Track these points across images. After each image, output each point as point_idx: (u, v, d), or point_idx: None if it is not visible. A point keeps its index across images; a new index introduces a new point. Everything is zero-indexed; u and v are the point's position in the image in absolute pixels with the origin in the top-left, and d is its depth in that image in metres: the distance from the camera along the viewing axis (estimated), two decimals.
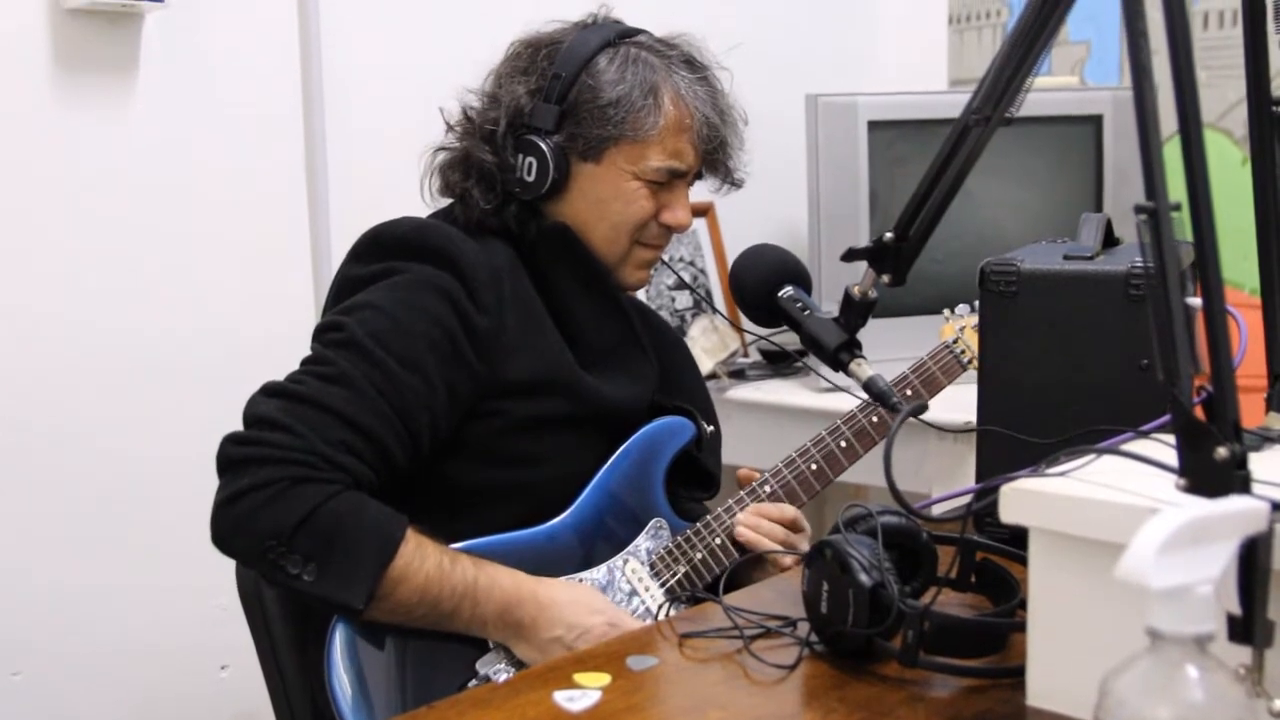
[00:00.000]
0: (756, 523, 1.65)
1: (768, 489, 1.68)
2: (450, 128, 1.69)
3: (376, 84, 2.40)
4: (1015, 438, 1.33)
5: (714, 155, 1.67)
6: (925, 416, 1.40)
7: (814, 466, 1.70)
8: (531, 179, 1.62)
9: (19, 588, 2.06)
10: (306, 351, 1.53)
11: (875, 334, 1.54)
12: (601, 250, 1.65)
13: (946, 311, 1.80)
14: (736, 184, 1.72)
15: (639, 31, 1.68)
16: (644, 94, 1.60)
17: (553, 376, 1.58)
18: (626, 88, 1.60)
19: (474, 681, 1.49)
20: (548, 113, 1.61)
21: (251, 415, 1.46)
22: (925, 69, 3.23)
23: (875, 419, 1.71)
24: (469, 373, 1.54)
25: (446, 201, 1.69)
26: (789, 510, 1.67)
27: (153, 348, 2.17)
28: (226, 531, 1.43)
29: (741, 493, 1.69)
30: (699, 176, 1.71)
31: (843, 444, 1.71)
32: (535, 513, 1.58)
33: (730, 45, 1.72)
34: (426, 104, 1.73)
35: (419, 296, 1.53)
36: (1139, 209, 0.93)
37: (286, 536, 1.40)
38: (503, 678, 1.48)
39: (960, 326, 1.77)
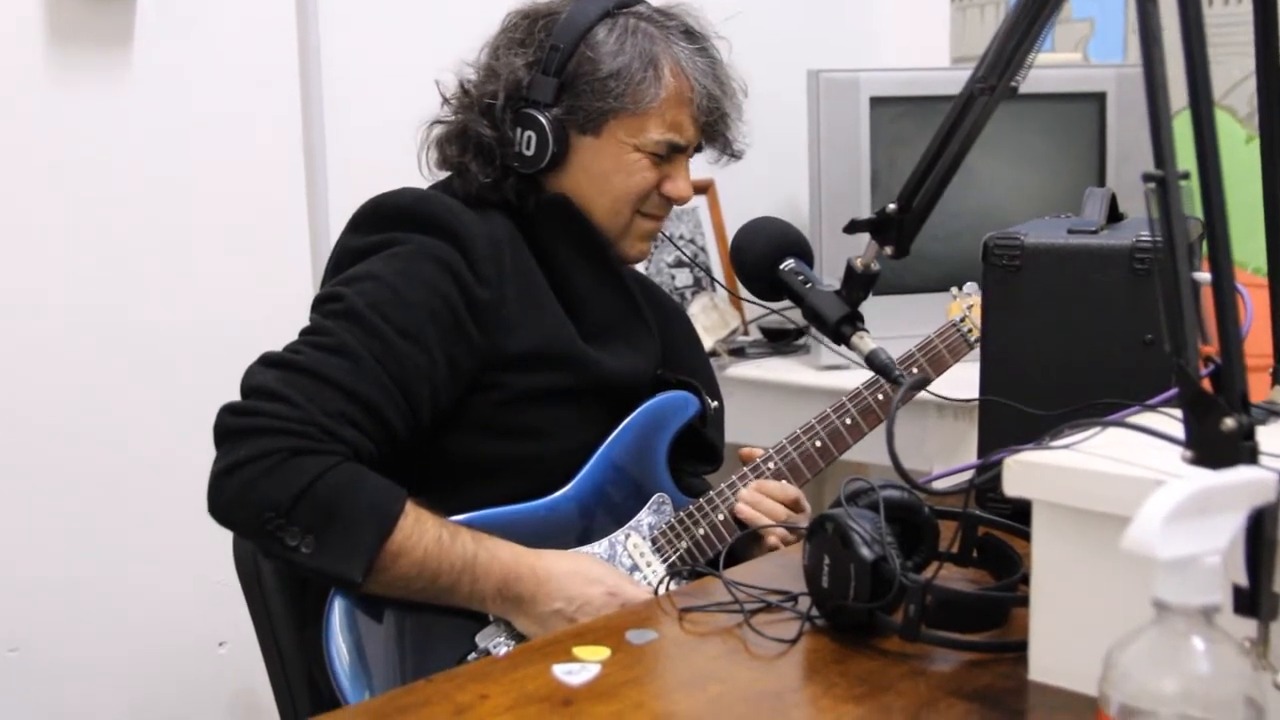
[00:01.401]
0: (757, 500, 1.64)
1: (771, 465, 1.68)
2: (446, 101, 1.67)
3: (375, 58, 2.39)
4: (1018, 414, 1.32)
5: (714, 127, 1.66)
6: (925, 393, 1.39)
7: (818, 444, 1.69)
8: (531, 153, 1.60)
9: (17, 565, 2.05)
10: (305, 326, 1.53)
11: (877, 312, 1.53)
12: (604, 223, 1.64)
13: (954, 290, 1.79)
14: (736, 155, 1.71)
15: (637, 1, 1.66)
16: (643, 66, 1.59)
17: (554, 349, 1.57)
18: (626, 59, 1.59)
19: (473, 655, 1.49)
20: (546, 85, 1.60)
21: (249, 385, 1.45)
22: (928, 46, 3.22)
23: (880, 396, 1.70)
24: (469, 345, 1.53)
25: (444, 174, 1.68)
26: (791, 490, 1.66)
27: (148, 325, 2.16)
28: (224, 503, 1.42)
29: (745, 469, 1.68)
30: (698, 149, 1.70)
31: (848, 421, 1.70)
32: (536, 486, 1.58)
33: (728, 16, 1.70)
34: (426, 76, 1.71)
35: (419, 267, 1.52)
36: (1147, 177, 0.93)
37: (285, 509, 1.39)
38: (502, 651, 1.48)
39: (968, 305, 1.76)
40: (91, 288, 2.10)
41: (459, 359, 1.52)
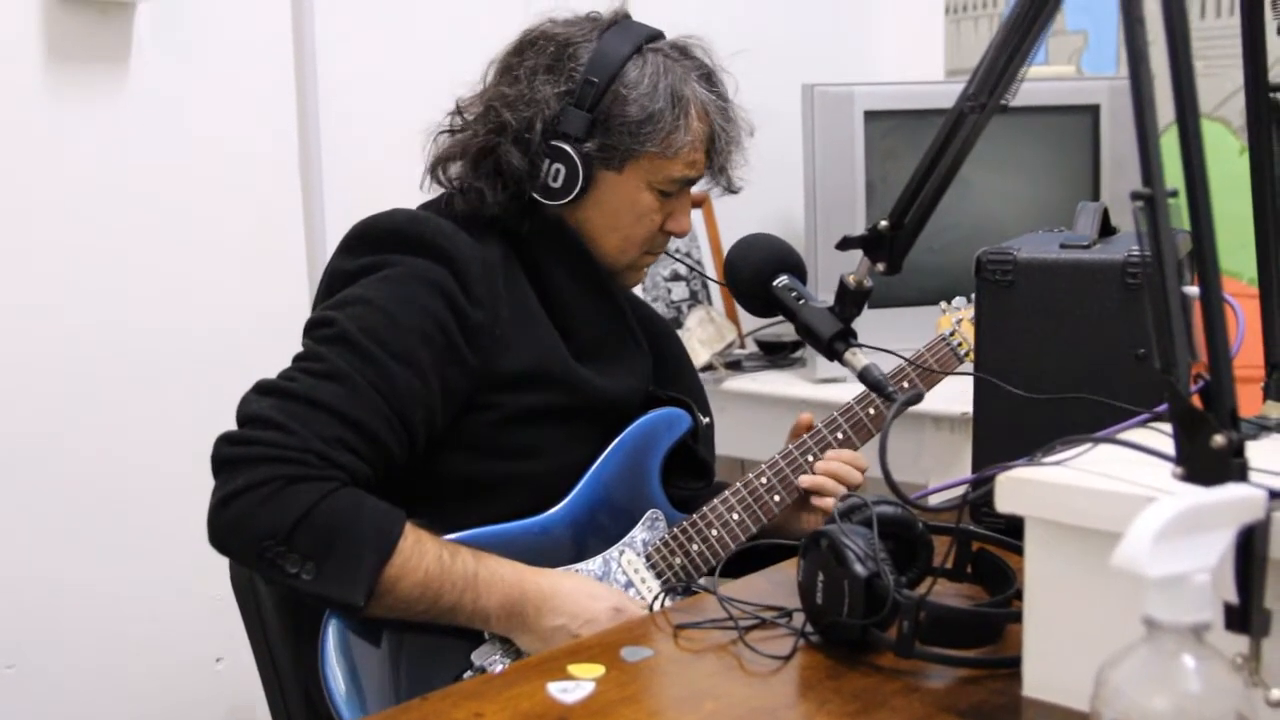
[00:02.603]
0: (832, 467, 1.68)
1: (764, 480, 1.68)
2: (460, 114, 1.64)
3: (371, 74, 2.39)
4: (1012, 430, 1.33)
5: (723, 165, 1.67)
6: (921, 407, 1.39)
7: (810, 459, 1.69)
8: (557, 185, 1.60)
9: (13, 580, 2.05)
10: (300, 347, 1.52)
11: (871, 325, 1.53)
12: (609, 257, 1.65)
13: (943, 304, 1.80)
14: (734, 191, 1.72)
15: (658, 35, 1.66)
16: (674, 111, 1.59)
17: (546, 369, 1.57)
18: (661, 104, 1.58)
19: (469, 673, 1.49)
20: (578, 119, 1.58)
21: (245, 414, 1.45)
22: (922, 59, 3.22)
23: (872, 411, 1.70)
24: (462, 367, 1.53)
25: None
26: (861, 459, 1.70)
27: (146, 341, 2.16)
28: (223, 533, 1.42)
29: (738, 484, 1.68)
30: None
31: (839, 436, 1.70)
32: (530, 504, 1.57)
33: (735, 49, 1.70)
34: (422, 92, 1.71)
35: (411, 290, 1.51)
36: (1136, 195, 0.93)
37: (284, 536, 1.39)
38: (498, 669, 1.47)
39: (957, 319, 1.77)
40: (90, 302, 2.10)
41: (452, 381, 1.52)
